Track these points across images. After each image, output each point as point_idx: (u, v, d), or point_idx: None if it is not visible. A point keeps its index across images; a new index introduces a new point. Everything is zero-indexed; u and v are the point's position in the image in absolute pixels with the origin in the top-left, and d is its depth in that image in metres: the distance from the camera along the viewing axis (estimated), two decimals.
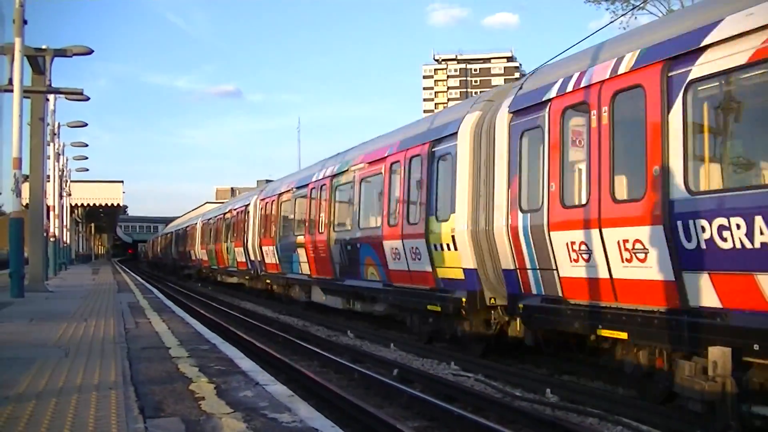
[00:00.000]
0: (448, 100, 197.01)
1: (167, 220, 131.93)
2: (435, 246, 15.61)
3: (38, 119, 28.84)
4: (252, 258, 34.34)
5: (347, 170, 21.32)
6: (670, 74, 9.56)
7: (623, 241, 10.12)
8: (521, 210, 12.62)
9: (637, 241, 9.90)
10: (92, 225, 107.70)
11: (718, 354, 8.63)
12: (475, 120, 14.63)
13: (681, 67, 9.42)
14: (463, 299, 14.65)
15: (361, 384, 13.59)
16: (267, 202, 31.40)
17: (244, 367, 9.88)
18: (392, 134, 19.74)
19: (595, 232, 10.65)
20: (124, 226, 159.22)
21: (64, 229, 54.68)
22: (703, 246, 8.91)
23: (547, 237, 11.79)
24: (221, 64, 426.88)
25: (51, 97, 34.38)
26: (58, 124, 42.98)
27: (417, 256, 16.45)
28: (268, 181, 41.90)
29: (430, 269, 15.96)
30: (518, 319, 13.58)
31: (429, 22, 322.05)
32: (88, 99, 32.21)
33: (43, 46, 27.72)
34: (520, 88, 13.35)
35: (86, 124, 45.20)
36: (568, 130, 11.68)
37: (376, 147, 20.04)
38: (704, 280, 9.04)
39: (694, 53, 9.22)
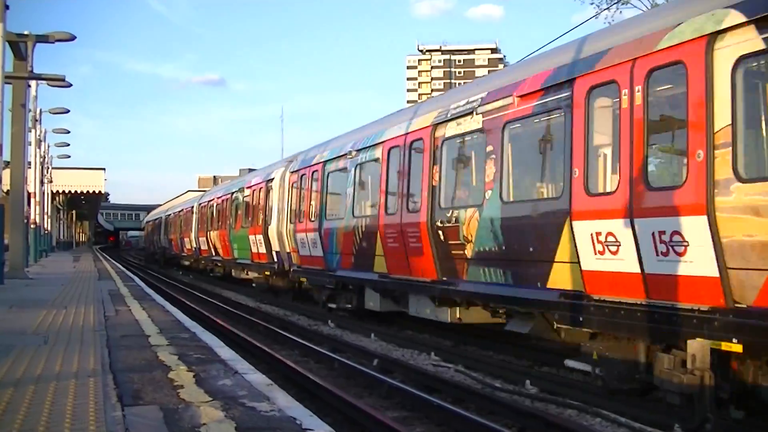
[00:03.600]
0: (432, 90, 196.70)
1: (149, 208, 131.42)
2: None
3: (20, 105, 28.74)
4: (277, 248, 26.78)
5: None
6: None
7: None
8: None
9: None
10: (74, 212, 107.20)
11: (697, 347, 8.67)
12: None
13: None
14: None
15: (342, 374, 13.60)
16: (304, 175, 23.17)
17: (223, 356, 9.87)
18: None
19: None
20: (106, 213, 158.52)
21: (45, 216, 54.37)
22: None
23: None
24: (205, 53, 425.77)
25: (33, 83, 34.14)
26: (40, 110, 42.67)
27: None
28: (251, 169, 40.97)
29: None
30: None
31: (413, 12, 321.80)
32: (70, 85, 32.08)
33: (25, 32, 27.53)
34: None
35: (68, 111, 44.85)
36: None
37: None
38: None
39: None
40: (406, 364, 13.92)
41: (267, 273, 28.79)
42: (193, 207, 47.67)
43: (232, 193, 35.09)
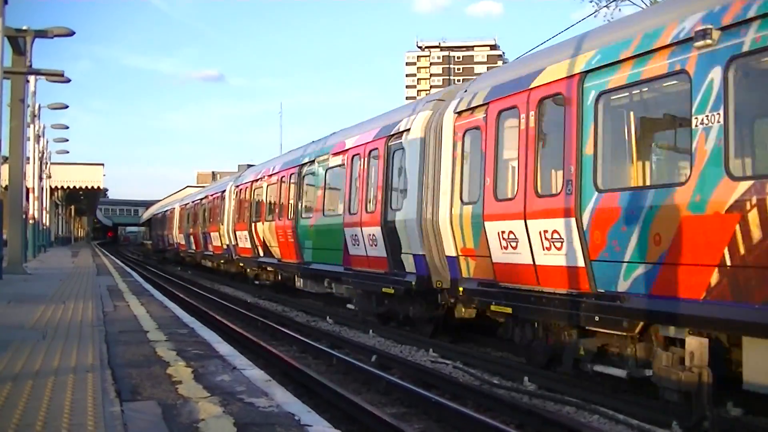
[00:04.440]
0: (431, 87, 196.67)
1: (148, 204, 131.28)
2: None
3: (18, 100, 28.62)
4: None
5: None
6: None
7: None
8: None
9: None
10: (72, 208, 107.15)
11: (695, 345, 8.68)
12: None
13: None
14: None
15: (340, 370, 13.60)
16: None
17: (221, 352, 9.88)
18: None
19: None
20: (104, 209, 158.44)
21: (44, 212, 54.34)
22: None
23: None
24: (204, 48, 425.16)
25: (31, 78, 34.05)
26: (39, 105, 42.60)
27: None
28: (249, 165, 40.39)
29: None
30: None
31: (413, 9, 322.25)
32: (68, 81, 32.09)
33: (24, 27, 27.49)
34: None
35: (67, 106, 44.88)
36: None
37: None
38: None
39: None
40: (404, 361, 13.92)
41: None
42: (225, 191, 36.27)
43: (303, 164, 24.27)
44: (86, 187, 74.73)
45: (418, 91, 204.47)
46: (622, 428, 9.40)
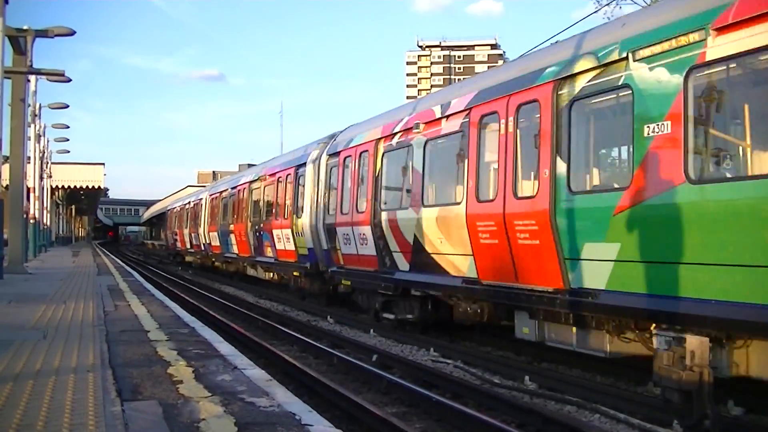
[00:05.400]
0: (432, 86, 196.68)
1: (148, 203, 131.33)
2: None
3: (19, 100, 28.64)
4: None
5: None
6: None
7: None
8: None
9: None
10: (73, 207, 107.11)
11: (696, 344, 8.68)
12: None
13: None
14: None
15: (340, 369, 13.60)
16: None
17: (222, 351, 9.88)
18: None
19: None
20: (105, 208, 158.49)
21: (45, 211, 54.31)
22: None
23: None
24: (204, 48, 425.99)
25: (32, 78, 34.03)
26: (39, 105, 42.60)
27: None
28: (250, 165, 40.45)
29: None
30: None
31: (413, 8, 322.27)
32: (69, 80, 32.07)
33: (25, 27, 27.48)
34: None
35: (67, 106, 44.83)
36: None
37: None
38: None
39: None
40: (405, 360, 13.92)
41: None
42: (291, 171, 24.97)
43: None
44: (87, 186, 74.73)
45: (419, 90, 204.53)
46: (623, 427, 9.40)
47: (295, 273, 24.93)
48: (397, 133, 16.42)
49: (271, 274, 29.34)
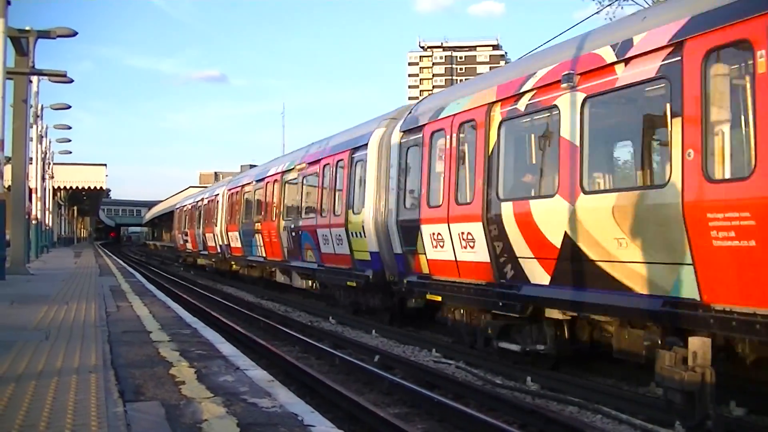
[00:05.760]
0: (434, 87, 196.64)
1: (150, 204, 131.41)
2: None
3: (21, 101, 28.69)
4: None
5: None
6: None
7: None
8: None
9: None
10: (75, 208, 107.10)
11: (698, 344, 8.67)
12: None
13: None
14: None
15: (342, 370, 13.60)
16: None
17: (224, 352, 9.88)
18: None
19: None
20: (107, 209, 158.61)
21: (47, 212, 54.34)
22: None
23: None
24: (206, 49, 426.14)
25: (34, 78, 34.01)
26: (41, 106, 42.63)
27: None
28: (251, 165, 40.06)
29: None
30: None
31: (415, 8, 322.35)
32: (71, 81, 32.05)
33: (27, 27, 27.47)
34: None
35: (69, 107, 44.87)
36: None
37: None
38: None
39: None
40: (407, 361, 13.92)
41: None
42: (344, 155, 20.63)
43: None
44: (89, 187, 74.81)
45: (420, 91, 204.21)
46: (625, 428, 9.40)
47: (349, 283, 19.61)
48: (525, 92, 12.22)
49: (311, 282, 24.13)
